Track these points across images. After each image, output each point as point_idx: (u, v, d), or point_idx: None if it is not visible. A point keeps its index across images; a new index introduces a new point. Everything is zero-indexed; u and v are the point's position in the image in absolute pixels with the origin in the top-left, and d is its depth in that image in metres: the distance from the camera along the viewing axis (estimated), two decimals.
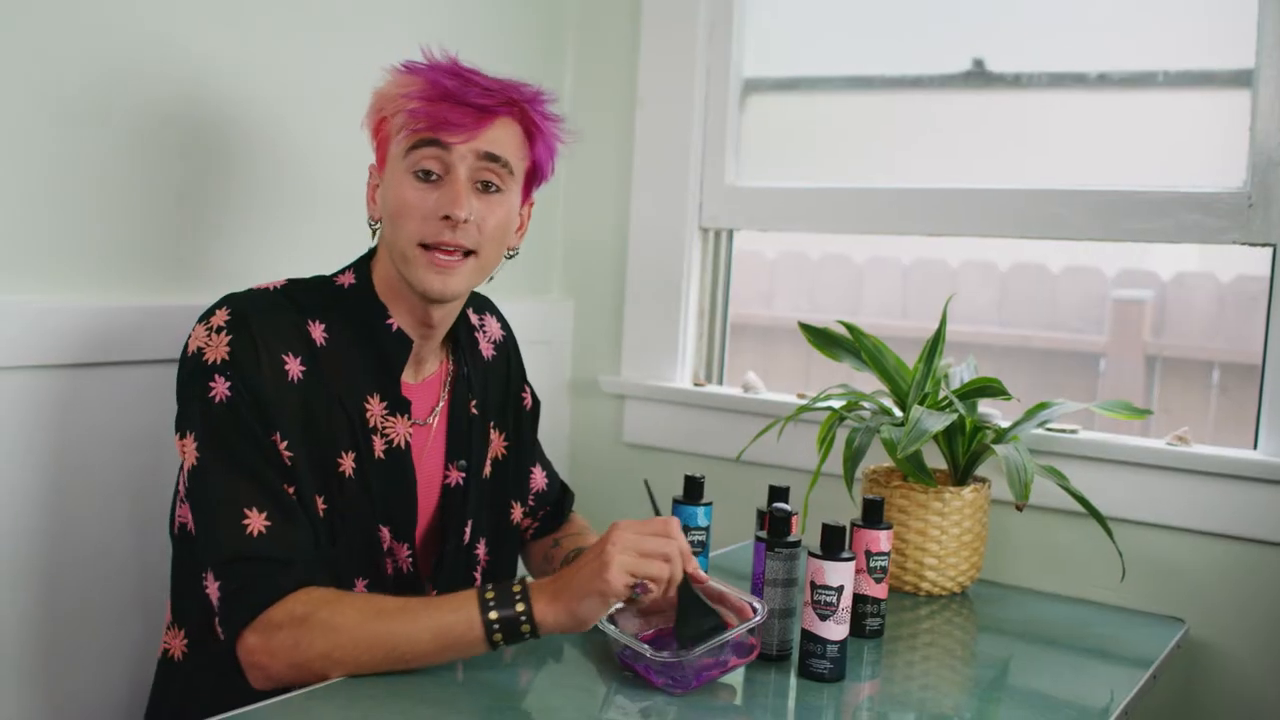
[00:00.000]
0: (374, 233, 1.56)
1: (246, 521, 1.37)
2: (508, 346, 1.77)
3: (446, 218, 1.44)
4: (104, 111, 1.66)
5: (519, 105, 1.50)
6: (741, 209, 2.43)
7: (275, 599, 1.35)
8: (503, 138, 1.48)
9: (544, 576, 1.55)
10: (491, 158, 1.47)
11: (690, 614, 1.44)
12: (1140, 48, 2.10)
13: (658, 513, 1.49)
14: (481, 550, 1.66)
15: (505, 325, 1.79)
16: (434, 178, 1.46)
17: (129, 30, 1.68)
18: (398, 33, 2.11)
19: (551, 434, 1.87)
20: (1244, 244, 1.95)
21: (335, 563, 1.47)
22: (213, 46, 1.80)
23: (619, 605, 1.44)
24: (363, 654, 1.34)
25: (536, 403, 1.80)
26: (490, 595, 1.37)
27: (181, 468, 1.45)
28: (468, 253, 1.48)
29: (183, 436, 1.42)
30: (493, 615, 1.35)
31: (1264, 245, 1.93)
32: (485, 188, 1.48)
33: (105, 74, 1.66)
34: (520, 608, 1.36)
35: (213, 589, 1.38)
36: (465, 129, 1.44)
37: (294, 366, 1.44)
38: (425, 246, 1.46)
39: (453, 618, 1.35)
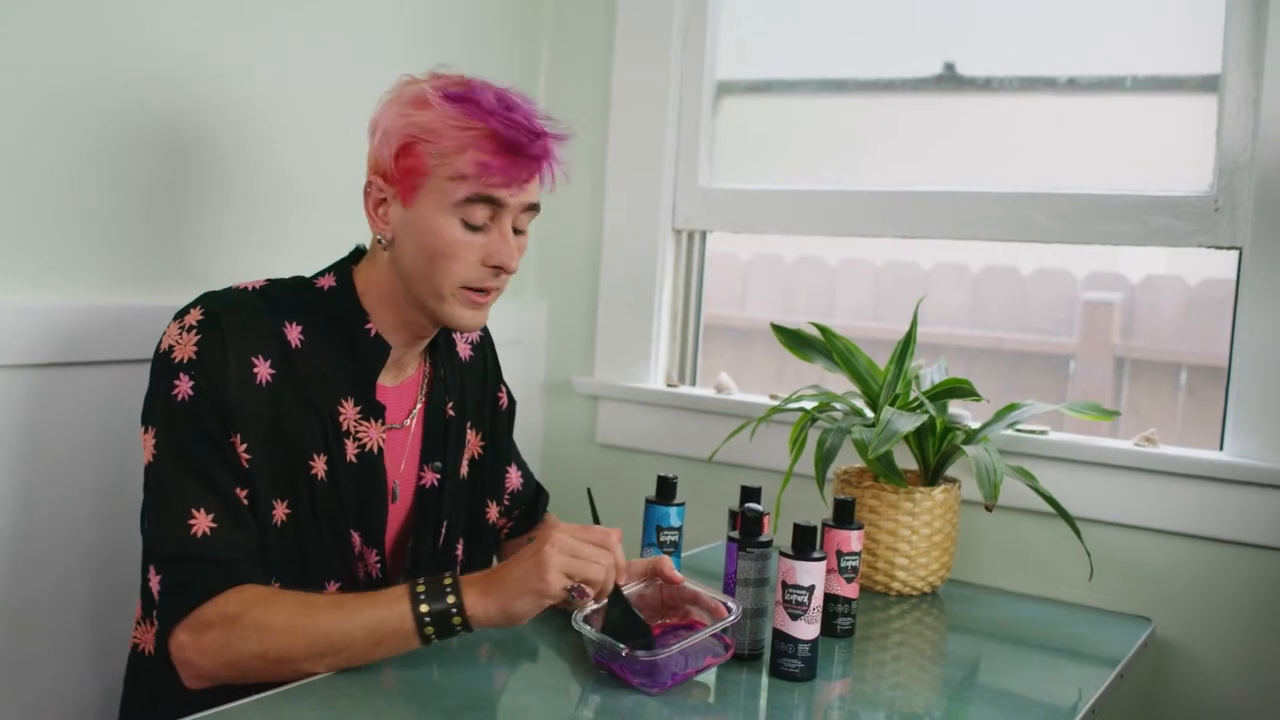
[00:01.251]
0: (383, 247, 1.52)
1: (192, 521, 1.37)
2: (484, 346, 1.78)
3: (498, 267, 1.47)
4: (78, 111, 1.66)
5: (552, 152, 1.50)
6: (715, 211, 2.44)
7: (208, 597, 1.36)
8: (536, 184, 1.51)
9: None
10: (534, 207, 1.50)
11: (620, 625, 1.44)
12: (1109, 53, 2.12)
13: (598, 522, 1.50)
14: (460, 551, 1.67)
15: (482, 326, 1.79)
16: (481, 225, 1.47)
17: (105, 30, 1.68)
18: (376, 34, 2.11)
19: (525, 435, 1.88)
20: (1211, 247, 1.97)
21: (305, 567, 1.47)
22: (191, 45, 1.79)
23: (599, 606, 1.45)
24: (297, 651, 1.34)
25: (512, 402, 1.80)
26: (421, 589, 1.38)
27: None
28: (501, 289, 1.53)
29: (145, 430, 1.43)
30: (423, 609, 1.36)
31: (1230, 248, 1.96)
32: (517, 230, 1.51)
33: (80, 74, 1.65)
34: (451, 600, 1.37)
35: (154, 583, 1.39)
36: (526, 183, 1.46)
37: (263, 369, 1.44)
38: (467, 288, 1.48)
39: (385, 613, 1.36)
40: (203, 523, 1.38)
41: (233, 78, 1.87)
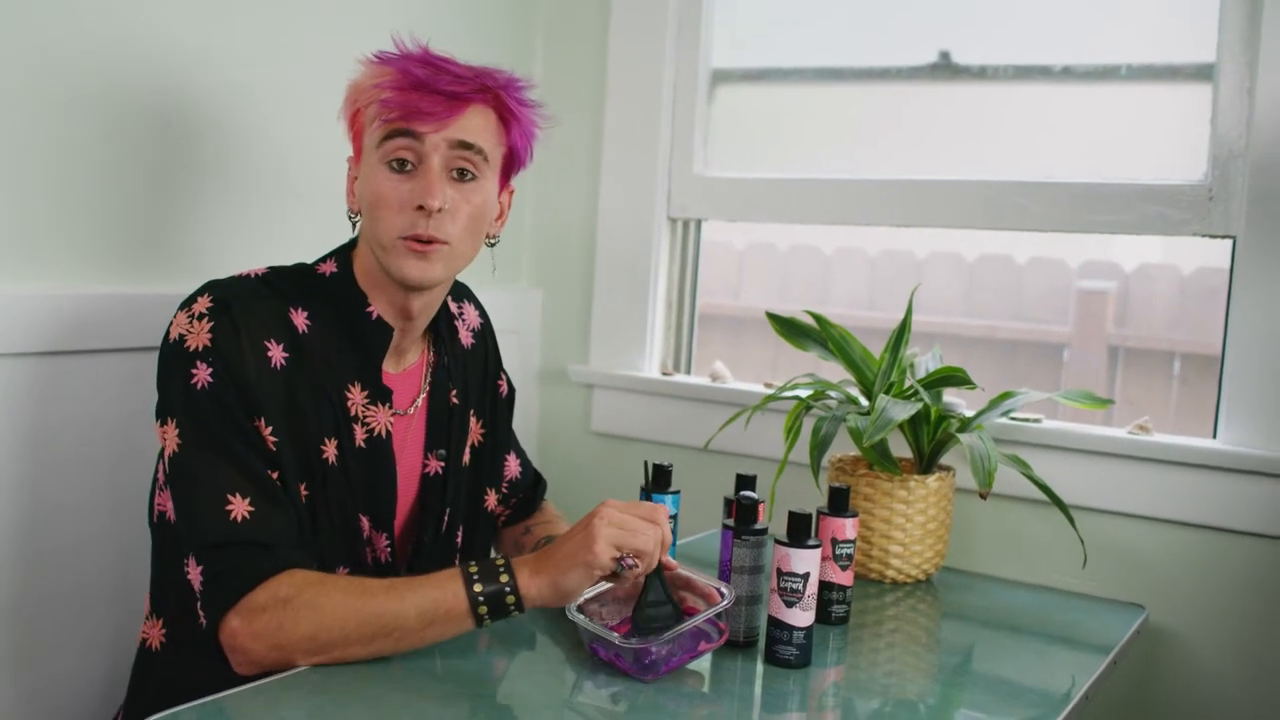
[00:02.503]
0: (354, 225, 1.55)
1: (230, 507, 1.36)
2: (485, 334, 1.77)
3: (421, 208, 1.44)
4: (77, 98, 1.66)
5: (493, 91, 1.49)
6: (710, 199, 2.44)
7: (258, 582, 1.34)
8: (476, 125, 1.48)
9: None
10: (465, 145, 1.46)
11: (652, 601, 1.45)
12: (1104, 41, 2.12)
13: (647, 498, 1.50)
14: (459, 538, 1.67)
15: (483, 313, 1.80)
16: (408, 168, 1.45)
17: (100, 16, 1.67)
18: (369, 24, 2.10)
19: (520, 423, 1.88)
20: (1205, 236, 1.97)
21: (319, 549, 1.47)
22: (192, 35, 1.79)
23: (596, 590, 1.46)
24: (350, 633, 1.34)
25: (512, 390, 1.80)
26: (474, 570, 1.38)
27: (161, 455, 1.45)
28: (444, 241, 1.47)
29: (163, 423, 1.42)
30: (478, 589, 1.36)
31: (1224, 237, 1.96)
32: (461, 175, 1.48)
33: (77, 61, 1.65)
34: (504, 579, 1.37)
35: (195, 574, 1.37)
36: (437, 117, 1.44)
37: (277, 353, 1.44)
38: (403, 237, 1.46)
39: (438, 594, 1.36)
40: (240, 507, 1.37)
41: (232, 67, 1.87)
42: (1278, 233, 1.89)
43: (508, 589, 1.37)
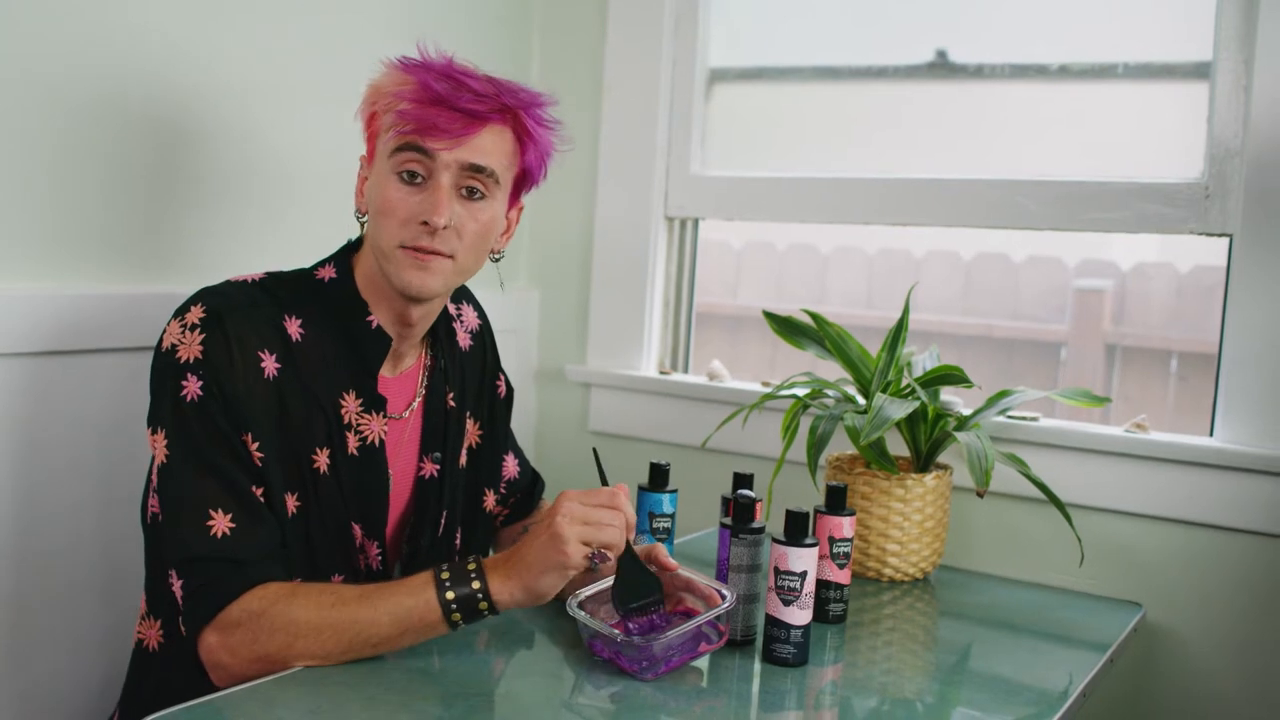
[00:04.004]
0: (361, 225, 1.55)
1: (211, 523, 1.37)
2: (484, 335, 1.77)
3: (426, 223, 1.44)
4: (74, 99, 1.65)
5: (512, 111, 1.48)
6: (707, 198, 2.44)
7: (233, 598, 1.35)
8: (490, 146, 1.46)
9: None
10: (476, 168, 1.45)
11: (630, 580, 1.45)
12: (1101, 39, 2.12)
13: (605, 483, 1.49)
14: (458, 539, 1.67)
15: (481, 314, 1.79)
16: (418, 180, 1.45)
17: (98, 17, 1.67)
18: (368, 23, 2.11)
19: (518, 422, 1.88)
20: (1202, 234, 1.97)
21: (312, 560, 1.47)
22: (188, 37, 1.79)
23: (596, 588, 1.46)
24: (326, 643, 1.35)
25: (510, 391, 1.80)
26: (445, 575, 1.38)
27: (153, 461, 1.45)
28: (447, 255, 1.47)
29: (154, 432, 1.42)
30: (449, 595, 1.36)
31: (1221, 235, 1.96)
32: (470, 194, 1.47)
33: (73, 61, 1.65)
34: (476, 585, 1.37)
35: (176, 587, 1.38)
36: (451, 135, 1.42)
37: (269, 363, 1.43)
38: (404, 247, 1.45)
39: (410, 601, 1.36)
40: (222, 523, 1.37)
41: (231, 69, 1.87)
42: (1274, 231, 1.89)
43: (480, 596, 1.37)
